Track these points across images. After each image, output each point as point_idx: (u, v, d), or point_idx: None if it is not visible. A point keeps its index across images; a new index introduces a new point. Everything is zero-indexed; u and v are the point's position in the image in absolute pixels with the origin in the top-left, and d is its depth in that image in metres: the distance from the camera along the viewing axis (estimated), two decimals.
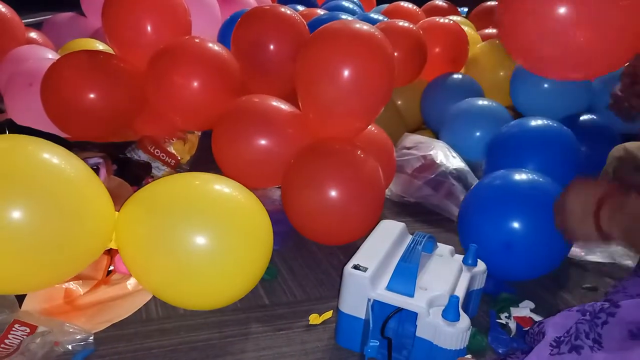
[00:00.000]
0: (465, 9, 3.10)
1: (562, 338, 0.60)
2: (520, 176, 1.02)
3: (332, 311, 0.90)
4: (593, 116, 1.47)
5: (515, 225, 0.95)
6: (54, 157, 0.76)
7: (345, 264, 0.79)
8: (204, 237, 0.78)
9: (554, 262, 1.00)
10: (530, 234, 0.95)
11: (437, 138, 1.57)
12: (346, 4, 2.31)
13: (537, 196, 0.98)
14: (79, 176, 0.78)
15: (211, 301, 0.85)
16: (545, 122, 1.22)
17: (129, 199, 0.84)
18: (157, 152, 1.35)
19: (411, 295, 0.74)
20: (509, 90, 1.61)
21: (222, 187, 0.85)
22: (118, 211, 0.85)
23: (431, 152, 1.39)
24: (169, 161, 1.36)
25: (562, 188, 1.00)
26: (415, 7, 2.19)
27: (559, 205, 0.80)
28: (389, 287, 0.76)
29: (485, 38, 2.04)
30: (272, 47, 1.36)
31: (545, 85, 1.52)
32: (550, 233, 0.95)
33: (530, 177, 1.01)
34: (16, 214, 0.69)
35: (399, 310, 0.74)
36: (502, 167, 1.08)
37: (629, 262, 1.11)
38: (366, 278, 0.76)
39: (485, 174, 1.17)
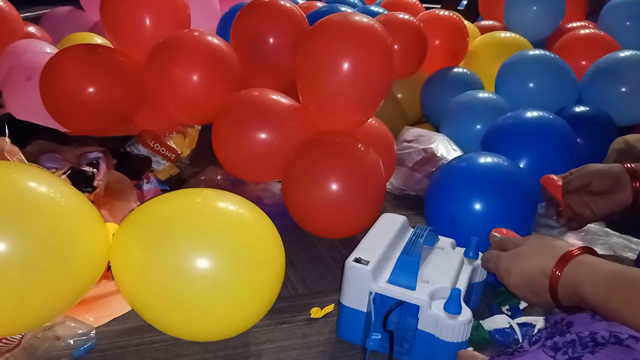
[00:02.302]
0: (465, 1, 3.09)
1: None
2: (485, 159, 1.04)
3: (333, 305, 0.90)
4: (592, 108, 1.47)
5: (464, 201, 0.98)
6: (40, 184, 0.69)
7: (347, 257, 0.79)
8: (208, 261, 0.69)
9: None
10: (476, 211, 0.98)
11: (438, 131, 1.57)
12: None
13: (493, 176, 1.01)
14: (67, 203, 0.70)
15: (215, 332, 0.77)
16: (541, 114, 1.22)
17: (125, 219, 0.77)
18: (157, 147, 1.35)
19: (413, 288, 0.74)
20: (494, 86, 1.62)
21: (227, 204, 0.76)
22: (118, 205, 0.84)
23: (432, 145, 1.39)
24: (169, 155, 1.36)
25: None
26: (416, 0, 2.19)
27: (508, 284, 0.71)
28: (391, 280, 0.76)
29: (483, 31, 2.03)
30: (271, 40, 1.35)
31: (531, 84, 1.52)
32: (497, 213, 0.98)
33: (494, 159, 1.04)
34: (1, 247, 0.62)
35: (400, 303, 0.74)
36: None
37: (630, 255, 1.11)
38: (368, 271, 0.76)
39: None
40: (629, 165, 0.86)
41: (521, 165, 1.15)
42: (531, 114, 1.22)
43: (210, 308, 0.71)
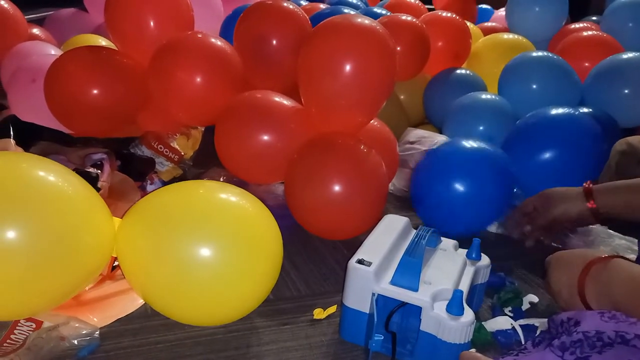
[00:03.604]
0: None
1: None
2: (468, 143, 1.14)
3: (336, 306, 0.90)
4: (594, 110, 1.47)
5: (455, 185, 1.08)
6: (49, 174, 0.71)
7: (349, 258, 0.79)
8: (210, 249, 0.72)
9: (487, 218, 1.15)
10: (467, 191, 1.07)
11: (440, 133, 1.57)
12: None
13: (477, 159, 1.11)
14: (75, 192, 0.73)
15: (218, 317, 0.80)
16: (567, 111, 1.21)
17: (130, 209, 0.79)
18: (161, 148, 1.35)
19: (415, 290, 0.74)
20: (497, 87, 1.62)
21: (228, 195, 0.80)
22: (122, 206, 0.84)
23: (434, 147, 1.39)
24: (173, 157, 1.36)
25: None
26: (418, 1, 2.19)
27: (547, 282, 0.80)
28: (393, 282, 0.76)
29: (486, 32, 2.03)
30: (274, 41, 1.36)
31: (534, 86, 1.52)
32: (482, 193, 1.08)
33: (477, 144, 1.13)
34: (10, 234, 0.64)
35: (403, 304, 0.74)
36: (520, 160, 1.15)
37: (632, 257, 1.11)
38: (370, 272, 0.76)
39: None
40: (586, 186, 0.92)
41: (546, 163, 1.17)
42: (556, 111, 1.22)
43: (212, 294, 0.75)
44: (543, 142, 1.18)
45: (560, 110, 1.21)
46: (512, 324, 0.84)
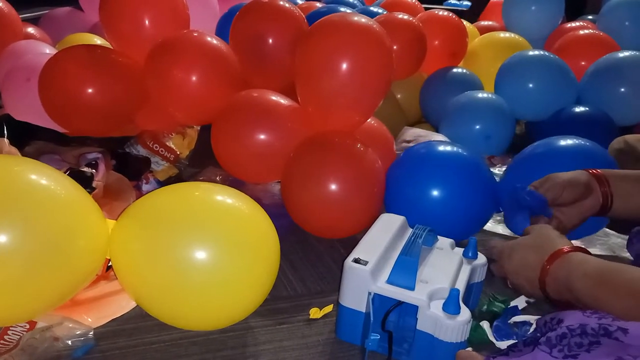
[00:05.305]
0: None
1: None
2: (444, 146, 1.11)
3: (332, 305, 0.90)
4: (591, 109, 1.47)
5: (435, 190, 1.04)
6: (41, 177, 0.70)
7: (346, 257, 0.79)
8: (205, 252, 0.71)
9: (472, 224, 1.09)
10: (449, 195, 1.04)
11: (437, 131, 1.57)
12: None
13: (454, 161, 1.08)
14: (68, 196, 0.72)
15: (213, 321, 0.79)
16: (575, 142, 1.10)
17: (124, 211, 0.78)
18: (156, 147, 1.35)
19: (412, 289, 0.74)
20: (493, 86, 1.62)
21: (224, 197, 0.78)
22: (117, 206, 0.84)
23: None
24: (168, 156, 1.36)
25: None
26: (415, 0, 2.19)
27: (498, 270, 0.79)
28: (390, 281, 0.76)
29: (483, 31, 2.03)
30: (270, 40, 1.35)
31: (530, 85, 1.52)
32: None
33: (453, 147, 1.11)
34: (3, 239, 0.63)
35: (399, 303, 0.74)
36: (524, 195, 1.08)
37: (628, 255, 1.11)
38: (367, 272, 0.75)
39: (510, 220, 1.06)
40: (593, 170, 0.87)
41: None
42: (565, 142, 1.10)
43: (208, 298, 0.73)
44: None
45: (569, 141, 1.10)
46: (509, 322, 0.84)
